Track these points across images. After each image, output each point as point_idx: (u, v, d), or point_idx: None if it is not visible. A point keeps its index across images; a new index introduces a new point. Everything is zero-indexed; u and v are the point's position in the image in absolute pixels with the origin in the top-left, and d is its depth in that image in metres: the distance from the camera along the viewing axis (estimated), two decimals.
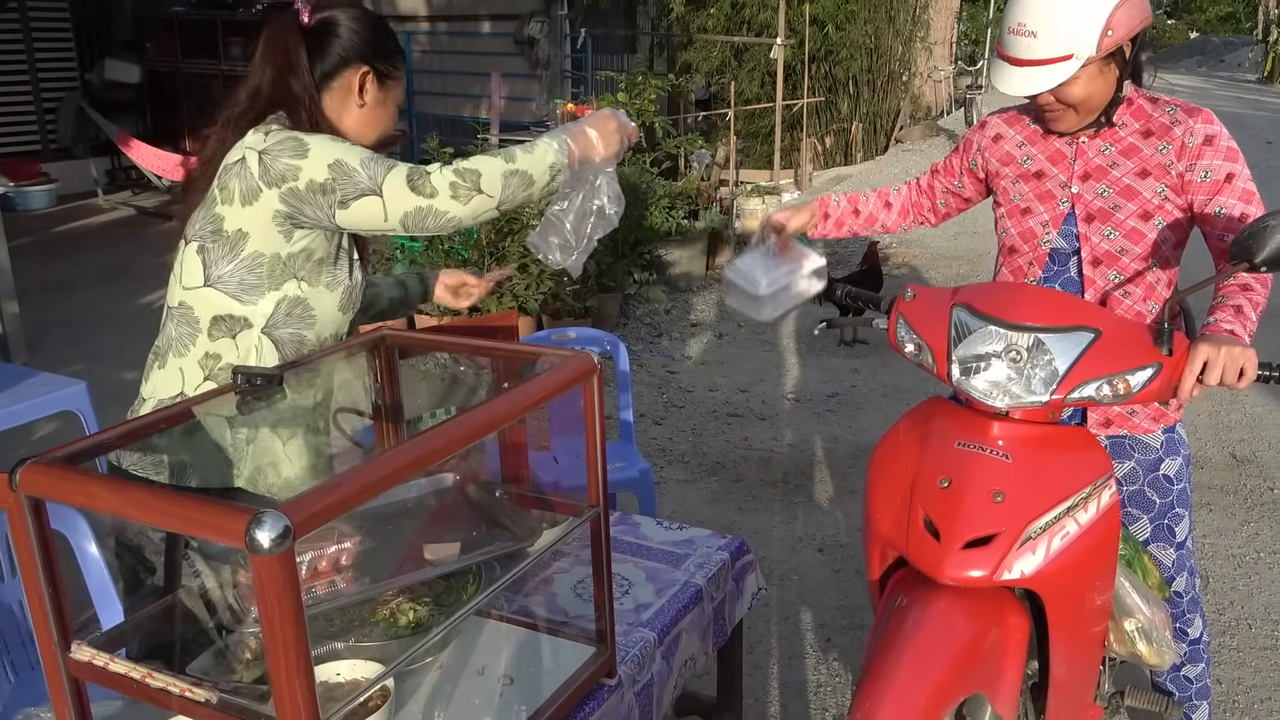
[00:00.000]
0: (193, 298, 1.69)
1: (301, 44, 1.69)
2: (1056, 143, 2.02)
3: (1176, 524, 2.07)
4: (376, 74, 1.75)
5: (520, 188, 1.60)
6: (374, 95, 1.76)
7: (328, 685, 1.33)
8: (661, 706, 1.68)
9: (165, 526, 1.24)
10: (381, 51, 1.75)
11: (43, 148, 9.38)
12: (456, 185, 1.56)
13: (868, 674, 1.55)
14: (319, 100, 1.71)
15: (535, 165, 1.60)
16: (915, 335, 1.77)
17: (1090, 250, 1.96)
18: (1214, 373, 1.56)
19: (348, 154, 1.60)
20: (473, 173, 1.57)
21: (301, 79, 1.69)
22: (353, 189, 1.58)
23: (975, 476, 1.59)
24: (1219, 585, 3.19)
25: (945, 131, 14.41)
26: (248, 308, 1.67)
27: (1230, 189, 1.86)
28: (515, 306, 5.21)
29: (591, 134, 1.65)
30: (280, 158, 1.59)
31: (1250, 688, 2.69)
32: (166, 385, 1.71)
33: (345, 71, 1.72)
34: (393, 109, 1.81)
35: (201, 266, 1.68)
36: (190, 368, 1.69)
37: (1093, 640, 1.73)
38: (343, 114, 1.75)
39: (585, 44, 9.38)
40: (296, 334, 1.71)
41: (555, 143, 1.62)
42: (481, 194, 1.58)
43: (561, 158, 1.62)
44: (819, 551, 3.42)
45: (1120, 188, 1.93)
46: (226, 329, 1.68)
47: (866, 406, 4.77)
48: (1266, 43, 25.66)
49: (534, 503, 1.66)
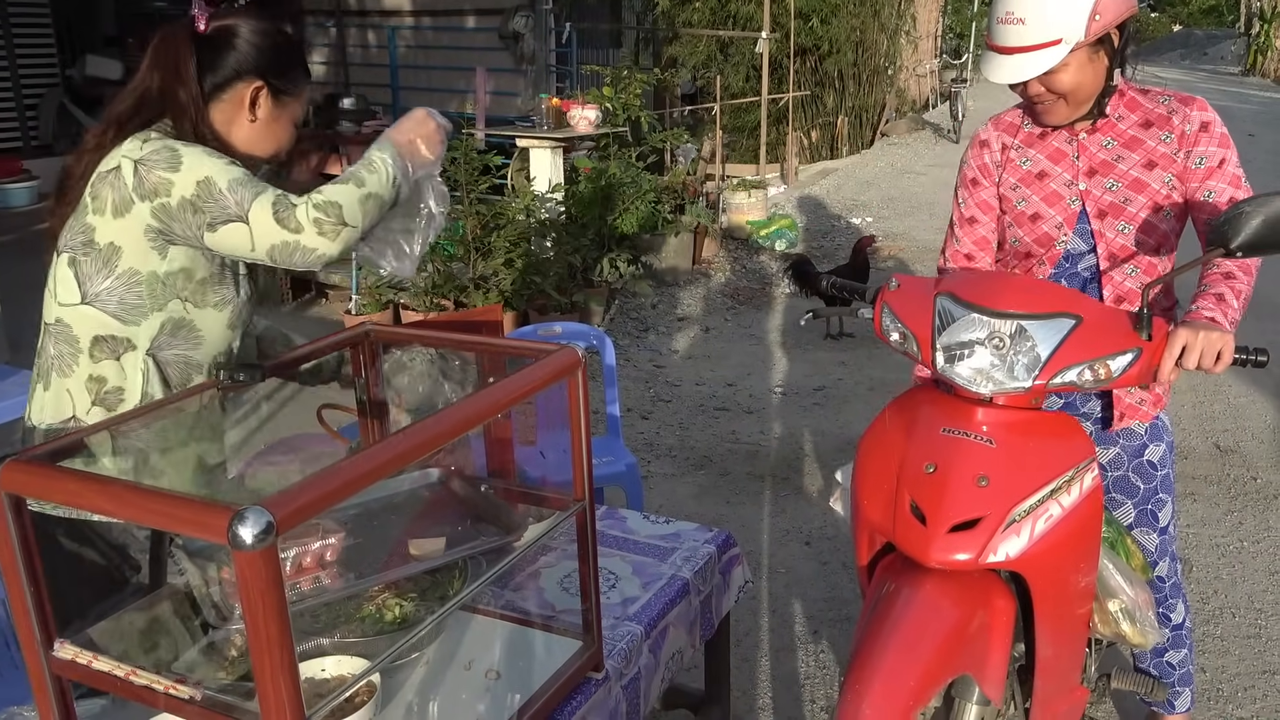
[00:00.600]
0: (70, 315, 1.63)
1: (192, 52, 1.63)
2: (1055, 141, 2.00)
3: (1160, 509, 2.09)
4: (271, 89, 1.69)
5: (376, 210, 1.58)
6: (267, 111, 1.70)
7: (313, 681, 1.33)
8: (649, 700, 1.68)
9: (148, 523, 1.23)
10: (279, 65, 1.69)
11: (24, 144, 9.31)
12: (321, 221, 1.51)
13: (857, 657, 1.56)
14: (205, 112, 1.65)
15: (382, 184, 1.57)
16: (900, 324, 1.78)
17: (1106, 246, 1.95)
18: (1192, 356, 1.59)
19: (218, 173, 1.54)
20: (334, 205, 1.52)
21: (189, 89, 1.63)
22: (220, 213, 1.53)
23: (960, 461, 1.61)
24: (1202, 574, 3.22)
25: (930, 125, 14.45)
26: (130, 329, 1.63)
27: (1221, 174, 1.87)
28: (500, 301, 5.20)
29: (412, 136, 1.63)
30: (154, 169, 1.54)
31: (1234, 675, 2.71)
32: (56, 408, 1.65)
33: (237, 84, 1.66)
34: (288, 125, 1.76)
35: (76, 282, 1.62)
36: (77, 390, 1.64)
37: (1077, 621, 1.75)
38: (232, 127, 1.69)
39: (570, 38, 9.36)
40: (182, 355, 1.67)
41: (388, 155, 1.59)
42: (347, 226, 1.53)
43: (397, 169, 1.59)
44: (806, 544, 3.42)
45: (1129, 181, 1.92)
46: (109, 350, 1.63)
47: (852, 400, 4.78)
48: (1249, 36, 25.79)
49: (520, 497, 1.66)
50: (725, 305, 6.40)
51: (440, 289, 5.32)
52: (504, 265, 5.31)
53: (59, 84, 9.47)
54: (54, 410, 1.66)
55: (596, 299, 5.73)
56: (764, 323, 6.07)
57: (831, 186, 10.17)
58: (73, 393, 1.64)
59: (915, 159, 12.02)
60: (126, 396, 1.65)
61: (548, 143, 6.45)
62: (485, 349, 1.66)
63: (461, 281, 5.36)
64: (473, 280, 5.35)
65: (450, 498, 1.64)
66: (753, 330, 5.92)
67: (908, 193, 9.93)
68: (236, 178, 1.55)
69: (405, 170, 1.61)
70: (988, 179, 2.08)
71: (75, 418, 1.65)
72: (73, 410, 1.65)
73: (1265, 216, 1.58)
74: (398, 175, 1.59)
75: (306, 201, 1.52)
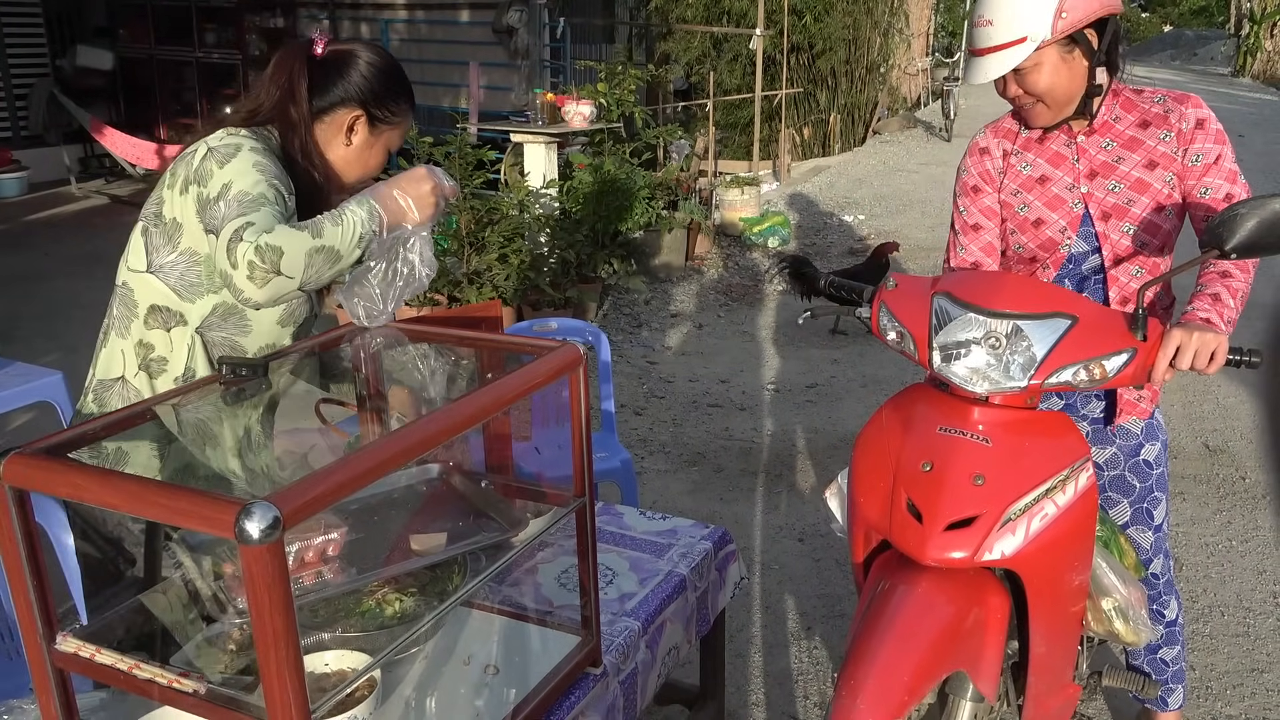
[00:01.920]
0: (135, 280, 1.69)
1: (305, 74, 1.70)
2: (1055, 145, 2.01)
3: (1155, 507, 2.11)
4: (370, 118, 1.75)
5: (326, 264, 1.51)
6: (362, 138, 1.76)
7: (315, 675, 1.33)
8: (646, 695, 1.69)
9: (153, 517, 1.24)
10: (381, 97, 1.75)
11: (14, 135, 9.25)
12: (254, 265, 1.46)
13: (852, 653, 1.57)
14: (312, 130, 1.73)
15: (343, 239, 1.51)
16: (897, 323, 1.79)
17: (1111, 248, 1.96)
18: (1185, 357, 1.61)
19: (240, 183, 1.55)
20: (274, 250, 1.47)
21: (300, 107, 1.70)
22: (211, 220, 1.56)
23: (956, 460, 1.62)
24: (1192, 573, 3.24)
25: (922, 123, 14.48)
26: (185, 304, 1.67)
27: (1218, 170, 1.89)
28: (497, 297, 5.19)
29: (405, 202, 1.58)
30: (211, 159, 1.59)
31: (1223, 674, 2.74)
32: (107, 366, 1.72)
33: (340, 110, 1.73)
34: (381, 152, 1.81)
35: (145, 250, 1.68)
36: (129, 351, 1.70)
37: (1071, 619, 1.77)
38: (330, 147, 1.76)
39: (564, 33, 9.34)
40: (229, 339, 1.71)
41: (365, 211, 1.54)
42: (280, 276, 1.48)
43: (371, 227, 1.54)
44: (799, 541, 3.44)
45: (1131, 182, 1.93)
46: (162, 320, 1.68)
47: (846, 397, 4.79)
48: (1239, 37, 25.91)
49: (519, 493, 1.66)
50: (718, 302, 6.41)
51: (434, 284, 5.32)
52: (498, 261, 5.30)
53: (49, 74, 9.41)
54: (105, 368, 1.73)
55: (590, 295, 5.73)
56: (757, 319, 6.08)
57: (824, 184, 10.18)
58: (125, 354, 1.71)
59: (907, 157, 12.05)
60: (169, 367, 1.70)
61: (542, 138, 6.44)
62: (485, 345, 1.66)
63: (455, 276, 5.35)
64: (466, 275, 5.34)
65: (450, 493, 1.64)
66: (745, 327, 5.93)
67: (899, 190, 9.96)
68: (249, 195, 1.55)
69: (381, 227, 1.55)
70: (990, 185, 2.08)
71: (124, 378, 1.70)
72: (122, 370, 1.71)
73: (1260, 218, 1.59)
74: (368, 233, 1.53)
75: (256, 239, 1.47)
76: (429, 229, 1.58)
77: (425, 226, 1.58)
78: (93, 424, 1.27)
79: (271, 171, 1.62)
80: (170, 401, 1.41)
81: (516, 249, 5.36)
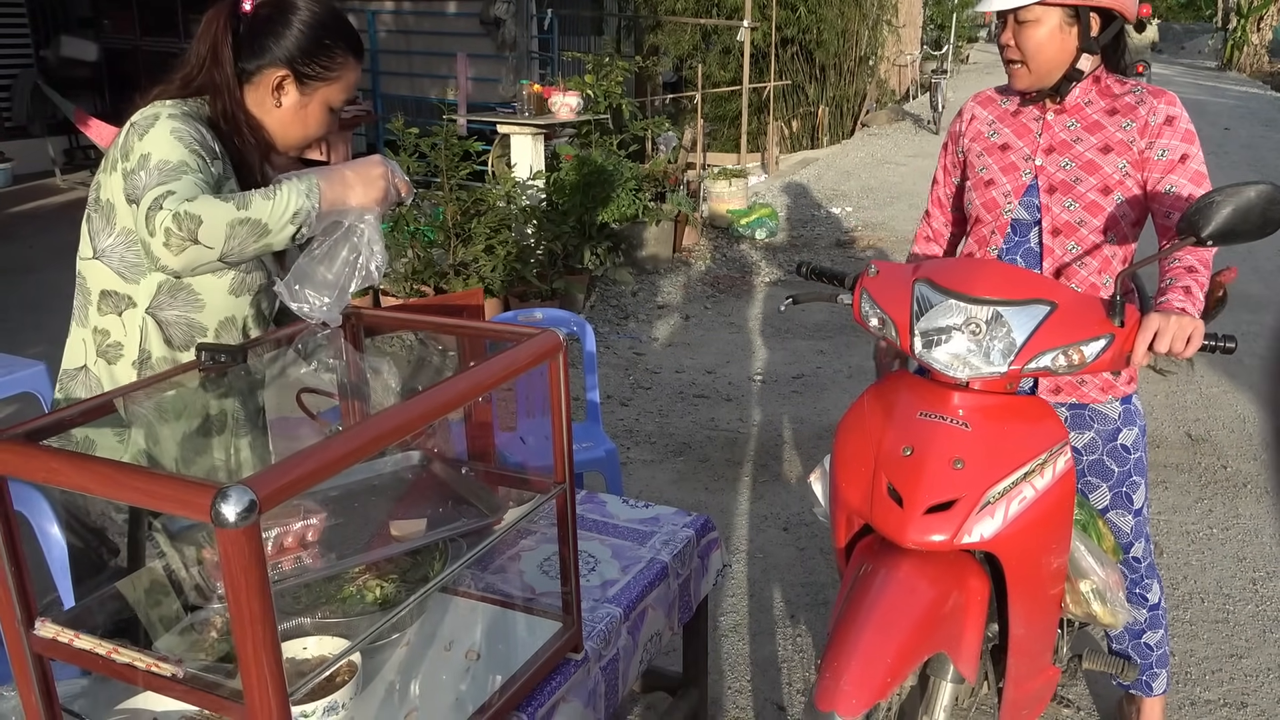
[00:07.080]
0: (86, 268, 1.66)
1: (229, 34, 1.61)
2: (1024, 119, 2.09)
3: (1134, 491, 2.13)
4: (297, 76, 1.64)
5: (251, 237, 1.43)
6: (293, 98, 1.66)
7: (294, 661, 1.33)
8: (627, 681, 1.70)
9: (130, 501, 1.23)
10: (310, 52, 1.64)
11: None
12: (170, 232, 1.40)
13: (834, 636, 1.59)
14: (238, 94, 1.64)
15: (273, 213, 1.43)
16: (879, 309, 1.81)
17: (1051, 220, 2.02)
18: (1163, 340, 1.63)
19: (159, 152, 1.50)
20: (193, 219, 1.40)
21: (223, 70, 1.61)
22: (132, 189, 1.51)
23: (936, 445, 1.63)
24: (1173, 560, 3.27)
25: (911, 116, 14.49)
26: (130, 286, 1.63)
27: (1183, 169, 1.92)
28: (481, 286, 5.19)
29: (348, 175, 1.50)
30: (133, 134, 1.54)
31: (1202, 659, 2.76)
32: (72, 355, 1.71)
33: (266, 71, 1.64)
34: (319, 110, 1.70)
35: (89, 236, 1.64)
36: (88, 340, 1.68)
37: (1050, 602, 1.79)
38: (262, 110, 1.66)
39: (552, 25, 9.33)
40: (184, 316, 1.65)
41: (305, 185, 1.46)
42: (198, 245, 1.41)
43: (310, 202, 1.45)
44: (784, 530, 3.45)
45: (1082, 162, 2.00)
46: (113, 305, 1.65)
47: (831, 388, 4.81)
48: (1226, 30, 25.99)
49: (501, 480, 1.66)
50: (705, 293, 6.42)
51: (420, 275, 5.30)
52: (484, 252, 5.30)
53: (33, 65, 9.34)
54: (69, 357, 1.71)
55: (577, 286, 5.73)
56: (743, 311, 6.09)
57: (812, 176, 10.19)
58: (85, 342, 1.68)
59: (895, 149, 12.07)
60: (125, 352, 1.67)
61: (529, 129, 6.43)
62: (466, 332, 1.66)
63: (441, 268, 5.34)
64: (453, 266, 5.33)
65: (431, 480, 1.64)
66: (732, 318, 5.94)
67: (887, 183, 9.98)
68: (169, 163, 1.49)
69: (321, 203, 1.47)
70: (955, 145, 2.25)
71: (85, 367, 1.68)
72: (84, 359, 1.69)
73: (1235, 205, 1.61)
74: (304, 209, 1.45)
75: (176, 207, 1.41)
76: (376, 214, 1.51)
77: (373, 211, 1.50)
78: (70, 410, 1.27)
79: (192, 139, 1.55)
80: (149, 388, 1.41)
81: (503, 240, 5.35)
